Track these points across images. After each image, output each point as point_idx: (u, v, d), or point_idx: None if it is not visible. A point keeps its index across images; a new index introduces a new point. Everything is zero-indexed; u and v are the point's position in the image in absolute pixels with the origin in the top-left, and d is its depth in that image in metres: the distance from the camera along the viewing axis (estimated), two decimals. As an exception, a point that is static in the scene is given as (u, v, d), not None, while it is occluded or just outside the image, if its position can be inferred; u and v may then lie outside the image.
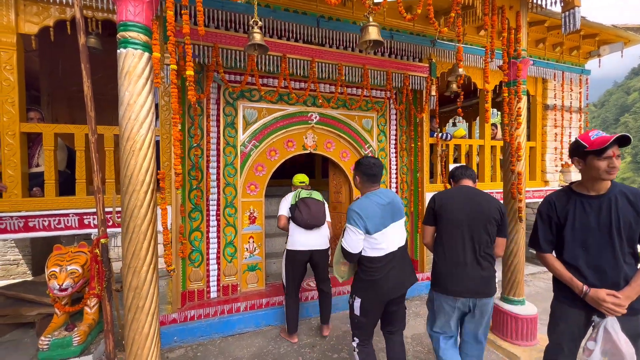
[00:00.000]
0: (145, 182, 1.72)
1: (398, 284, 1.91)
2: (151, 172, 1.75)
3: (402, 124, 4.21)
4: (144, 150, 1.72)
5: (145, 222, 1.72)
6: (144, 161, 1.72)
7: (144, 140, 1.72)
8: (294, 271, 2.84)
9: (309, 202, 2.83)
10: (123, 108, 1.69)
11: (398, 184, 4.22)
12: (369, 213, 1.84)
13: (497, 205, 1.94)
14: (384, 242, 1.86)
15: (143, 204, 1.71)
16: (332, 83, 3.79)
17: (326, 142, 3.87)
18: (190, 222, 3.24)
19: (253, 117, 3.48)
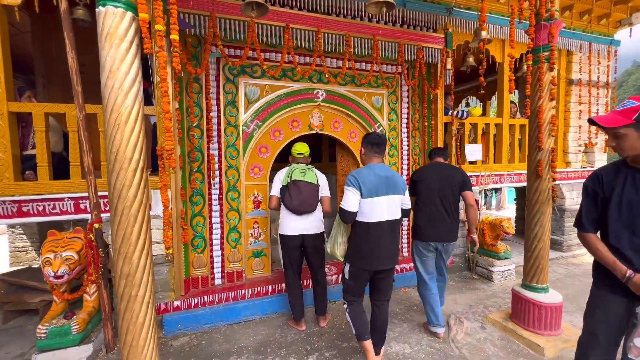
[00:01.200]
0: (133, 159, 1.54)
1: (385, 257, 2.08)
2: (140, 148, 1.57)
3: (414, 102, 3.94)
4: (131, 124, 1.53)
5: (136, 203, 1.55)
6: (131, 135, 1.54)
7: (130, 112, 1.53)
8: (290, 256, 2.70)
9: (300, 185, 2.57)
10: (105, 76, 1.50)
11: (410, 166, 3.99)
12: (365, 179, 2.03)
13: (460, 173, 2.64)
14: (373, 210, 2.02)
15: (132, 183, 1.54)
16: (339, 57, 3.52)
17: (333, 122, 3.64)
18: (191, 207, 3.09)
19: (255, 94, 3.26)
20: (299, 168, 2.66)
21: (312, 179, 2.63)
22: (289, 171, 2.63)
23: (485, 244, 3.97)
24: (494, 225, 3.87)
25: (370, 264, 2.07)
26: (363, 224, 2.05)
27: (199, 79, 3.04)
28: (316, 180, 2.65)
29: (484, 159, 4.28)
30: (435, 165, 2.69)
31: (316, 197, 2.63)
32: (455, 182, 2.57)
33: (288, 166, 2.71)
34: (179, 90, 2.88)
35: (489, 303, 3.29)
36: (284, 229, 2.65)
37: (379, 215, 2.03)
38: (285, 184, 2.61)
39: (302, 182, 2.58)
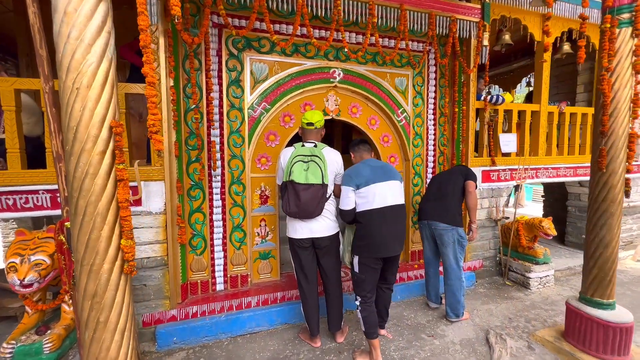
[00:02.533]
0: (100, 138, 1.12)
1: (391, 242, 2.11)
2: (109, 122, 1.16)
3: (442, 84, 3.47)
4: (97, 89, 1.11)
5: (104, 198, 1.14)
6: (96, 105, 1.12)
7: (96, 73, 1.11)
8: (300, 260, 2.31)
9: (299, 189, 2.08)
10: (58, 20, 1.07)
11: (436, 158, 3.54)
12: (359, 171, 2.16)
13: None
14: (373, 196, 2.09)
15: (99, 171, 1.12)
16: (358, 31, 3.06)
17: (351, 106, 3.19)
18: (189, 202, 2.69)
19: (263, 73, 2.82)
20: (303, 156, 2.14)
21: (315, 178, 2.09)
22: (290, 160, 2.14)
23: (521, 246, 3.52)
24: (531, 225, 3.42)
25: (379, 251, 2.10)
26: (365, 212, 2.11)
27: (198, 53, 2.60)
28: (321, 177, 2.11)
29: (518, 151, 3.81)
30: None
31: (322, 199, 2.15)
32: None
33: (293, 147, 2.23)
34: (174, 65, 2.46)
35: (530, 316, 2.85)
36: (290, 231, 2.29)
37: (379, 201, 2.10)
38: (285, 180, 2.16)
39: (302, 186, 2.08)
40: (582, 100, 4.54)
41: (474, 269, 3.56)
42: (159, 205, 2.43)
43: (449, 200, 2.70)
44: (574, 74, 4.75)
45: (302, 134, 2.35)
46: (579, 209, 4.64)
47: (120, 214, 1.20)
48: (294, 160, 2.14)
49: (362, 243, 2.12)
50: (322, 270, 2.38)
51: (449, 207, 2.69)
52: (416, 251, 3.55)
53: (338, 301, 2.41)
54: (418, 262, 3.51)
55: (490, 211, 3.63)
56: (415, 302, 3.12)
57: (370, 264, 2.13)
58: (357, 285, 2.20)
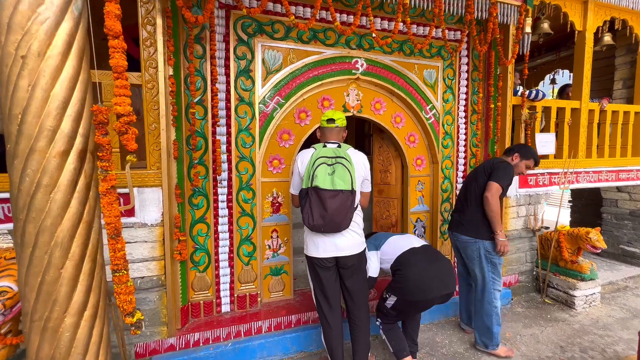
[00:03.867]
0: (60, 131, 0.76)
1: (437, 280, 1.97)
2: (78, 109, 0.79)
3: (474, 77, 3.09)
4: (54, 58, 0.75)
5: (66, 222, 0.77)
6: (54, 83, 0.75)
7: (54, 34, 0.75)
8: (323, 284, 1.92)
9: (325, 197, 1.71)
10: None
11: (467, 160, 3.16)
12: (378, 235, 2.33)
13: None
14: (396, 245, 2.15)
15: (57, 182, 0.76)
16: (384, 16, 2.70)
17: (374, 102, 2.82)
18: (191, 211, 2.32)
19: (277, 62, 2.45)
20: (326, 158, 1.77)
21: (344, 182, 1.73)
22: (312, 163, 1.78)
23: (562, 260, 3.14)
24: (575, 236, 3.03)
25: (425, 294, 1.97)
26: (397, 259, 2.07)
27: (202, 38, 2.24)
28: (350, 182, 1.75)
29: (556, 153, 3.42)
30: None
31: (350, 208, 1.77)
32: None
33: (313, 148, 1.88)
34: (174, 51, 2.09)
35: (584, 344, 2.46)
36: (311, 248, 1.90)
37: (406, 245, 2.12)
38: (306, 187, 1.79)
39: (329, 193, 1.71)
40: (621, 98, 4.16)
41: (509, 284, 3.17)
42: (155, 215, 2.07)
43: (470, 207, 2.35)
44: (609, 69, 4.37)
45: (321, 135, 1.98)
46: (616, 216, 4.24)
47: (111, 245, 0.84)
48: (316, 162, 1.77)
49: (402, 287, 2.00)
50: (346, 292, 2.00)
51: (469, 214, 2.34)
52: (444, 264, 3.16)
53: (365, 328, 2.00)
54: (447, 277, 3.12)
55: (528, 220, 3.24)
56: (449, 324, 2.74)
57: (409, 309, 2.06)
58: (383, 315, 2.11)
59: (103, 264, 0.90)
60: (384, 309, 2.07)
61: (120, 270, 0.95)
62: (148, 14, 1.95)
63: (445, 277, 1.99)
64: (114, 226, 0.92)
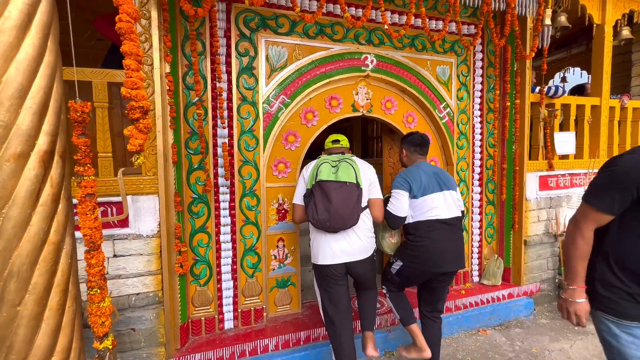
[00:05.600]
0: (17, 128, 0.59)
1: (447, 257, 1.83)
2: (41, 100, 0.62)
3: (490, 73, 2.92)
4: (8, 33, 0.58)
5: (23, 247, 0.60)
6: (9, 62, 0.59)
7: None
8: (330, 293, 1.80)
9: (329, 189, 1.65)
10: None
11: (483, 162, 2.97)
12: (414, 177, 1.86)
13: None
14: (429, 208, 1.83)
15: (12, 196, 0.59)
16: (394, 9, 2.54)
17: (385, 101, 2.65)
18: (191, 220, 2.15)
19: (281, 58, 2.29)
20: (330, 160, 1.77)
21: (348, 176, 1.69)
22: (316, 166, 1.75)
23: (587, 267, 2.93)
24: (601, 241, 2.83)
25: (433, 266, 1.83)
26: (420, 222, 1.85)
27: (201, 34, 2.09)
28: (355, 177, 1.71)
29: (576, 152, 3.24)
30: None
31: (357, 204, 1.69)
32: None
33: (318, 157, 1.84)
34: (171, 47, 1.93)
35: None
36: (318, 256, 1.78)
37: (436, 212, 1.84)
38: (310, 187, 1.73)
39: (333, 184, 1.66)
40: (639, 94, 3.98)
41: (531, 293, 2.97)
42: (152, 225, 1.89)
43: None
44: (626, 65, 4.19)
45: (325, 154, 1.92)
46: (637, 218, 4.04)
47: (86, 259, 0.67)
48: (320, 165, 1.74)
49: (413, 253, 1.87)
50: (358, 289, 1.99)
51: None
52: (460, 273, 2.97)
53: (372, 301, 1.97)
54: (465, 286, 2.93)
55: (549, 224, 3.05)
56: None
57: (417, 276, 1.93)
58: (389, 281, 2.02)
59: (78, 295, 0.72)
60: (388, 274, 1.99)
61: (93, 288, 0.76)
62: (142, 6, 1.79)
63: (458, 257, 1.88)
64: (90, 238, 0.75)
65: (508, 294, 2.84)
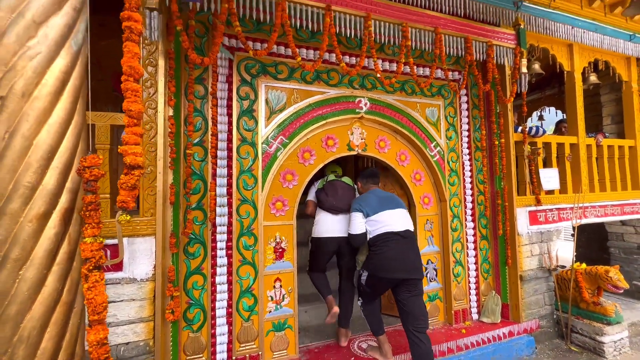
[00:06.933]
0: (41, 189, 0.61)
1: (402, 265, 2.12)
2: (67, 159, 0.64)
3: (475, 115, 3.11)
4: (43, 99, 0.63)
5: (36, 311, 0.59)
6: (39, 129, 0.62)
7: (44, 72, 0.62)
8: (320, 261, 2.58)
9: (337, 184, 2.56)
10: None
11: (474, 197, 3.06)
12: (368, 201, 2.32)
13: None
14: (383, 223, 2.21)
15: (31, 255, 0.59)
16: (385, 58, 2.74)
17: (378, 140, 2.76)
18: (186, 261, 2.09)
19: (280, 102, 2.40)
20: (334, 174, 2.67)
21: (348, 182, 2.64)
22: (325, 177, 2.65)
23: (583, 302, 2.95)
24: (594, 275, 2.88)
25: (391, 272, 2.12)
26: (377, 236, 2.20)
27: (204, 79, 2.19)
28: (352, 183, 2.68)
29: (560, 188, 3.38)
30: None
31: (352, 198, 2.55)
32: None
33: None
34: (175, 91, 2.01)
35: (628, 402, 2.20)
36: (320, 231, 2.54)
37: (389, 226, 2.19)
38: (321, 186, 2.59)
39: (339, 182, 2.59)
40: (611, 133, 4.26)
41: (531, 330, 2.92)
42: (147, 268, 1.84)
43: None
44: (597, 106, 4.54)
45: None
46: (624, 250, 4.14)
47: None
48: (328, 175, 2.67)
49: (373, 262, 2.19)
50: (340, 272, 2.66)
51: None
52: (460, 311, 2.93)
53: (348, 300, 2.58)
54: (465, 324, 2.87)
55: (542, 258, 3.09)
56: None
57: (380, 283, 2.20)
58: (361, 294, 2.33)
59: (83, 355, 0.69)
60: (360, 286, 2.29)
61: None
62: (150, 55, 1.89)
63: (411, 264, 2.15)
64: (98, 318, 0.72)
65: (509, 331, 2.79)
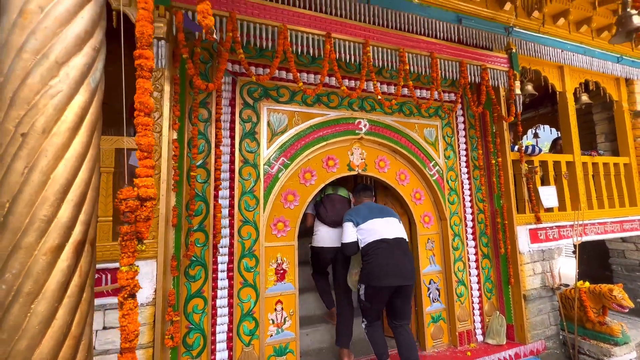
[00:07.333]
0: (56, 222, 0.62)
1: (397, 270, 2.16)
2: (81, 191, 0.66)
3: (472, 134, 3.18)
4: (62, 135, 0.64)
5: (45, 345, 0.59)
6: (56, 164, 0.63)
7: (64, 108, 0.65)
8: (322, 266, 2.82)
9: (334, 198, 2.68)
10: (7, 24, 0.64)
11: (475, 215, 3.07)
12: (359, 211, 2.39)
13: None
14: (373, 231, 2.25)
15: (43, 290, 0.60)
16: (382, 80, 2.83)
17: (378, 160, 2.80)
18: (187, 284, 2.07)
19: (282, 124, 2.45)
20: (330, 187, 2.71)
21: (344, 194, 2.75)
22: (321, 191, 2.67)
23: (589, 322, 2.90)
24: (597, 294, 2.85)
25: (384, 280, 2.13)
26: (368, 244, 2.23)
27: (207, 103, 2.24)
28: (348, 195, 2.78)
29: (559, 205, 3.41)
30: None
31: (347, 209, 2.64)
32: None
33: None
34: (179, 115, 2.06)
35: None
36: (319, 241, 2.68)
37: (380, 233, 2.24)
38: (319, 199, 2.70)
39: (336, 196, 2.70)
40: (606, 150, 4.34)
41: (537, 352, 2.86)
42: (147, 292, 1.81)
43: None
44: (590, 124, 4.65)
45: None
46: (626, 267, 4.11)
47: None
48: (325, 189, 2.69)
49: (368, 273, 2.19)
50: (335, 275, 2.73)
51: None
52: (464, 332, 2.87)
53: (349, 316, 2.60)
54: (470, 346, 2.81)
55: (545, 277, 3.07)
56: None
57: (377, 293, 2.19)
58: (364, 312, 2.31)
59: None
60: (361, 303, 2.28)
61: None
62: (156, 81, 1.94)
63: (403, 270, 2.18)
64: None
65: (515, 354, 2.73)
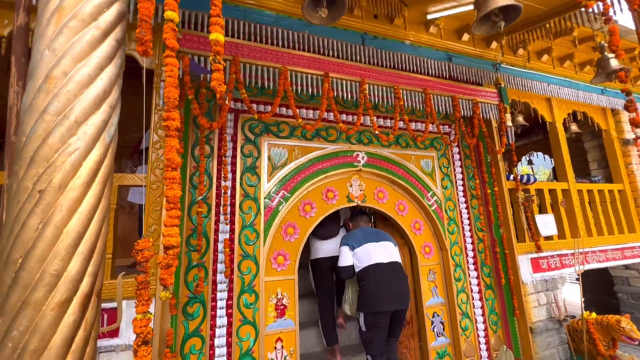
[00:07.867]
0: (65, 276, 0.63)
1: (393, 294, 2.21)
2: (91, 244, 0.68)
3: (467, 164, 3.25)
4: (76, 190, 0.66)
5: None
6: (69, 218, 0.65)
7: (80, 164, 0.68)
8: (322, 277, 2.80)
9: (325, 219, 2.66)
10: (33, 89, 0.69)
11: (475, 245, 3.06)
12: (355, 235, 2.47)
13: None
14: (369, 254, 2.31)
15: (48, 346, 0.60)
16: (379, 115, 2.94)
17: (377, 191, 2.84)
18: (185, 323, 2.01)
19: (282, 158, 2.51)
20: None
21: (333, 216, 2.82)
22: None
23: (600, 355, 2.80)
24: (605, 325, 2.78)
25: (381, 305, 2.16)
26: (364, 269, 2.27)
27: (210, 139, 2.31)
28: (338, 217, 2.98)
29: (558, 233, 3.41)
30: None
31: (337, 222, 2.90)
32: None
33: None
34: (183, 152, 2.11)
35: None
36: (316, 253, 2.80)
37: (375, 257, 2.29)
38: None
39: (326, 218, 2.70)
40: (600, 177, 4.42)
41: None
42: (143, 333, 1.75)
43: None
44: (582, 151, 4.77)
45: None
46: (632, 295, 4.05)
47: None
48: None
49: (363, 298, 2.22)
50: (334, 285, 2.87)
51: None
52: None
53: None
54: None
55: (550, 309, 3.01)
56: None
57: (377, 320, 2.19)
58: (366, 344, 2.28)
59: None
60: (362, 335, 2.28)
61: None
62: (161, 119, 2.02)
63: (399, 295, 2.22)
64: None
65: (526, 393, 2.61)
